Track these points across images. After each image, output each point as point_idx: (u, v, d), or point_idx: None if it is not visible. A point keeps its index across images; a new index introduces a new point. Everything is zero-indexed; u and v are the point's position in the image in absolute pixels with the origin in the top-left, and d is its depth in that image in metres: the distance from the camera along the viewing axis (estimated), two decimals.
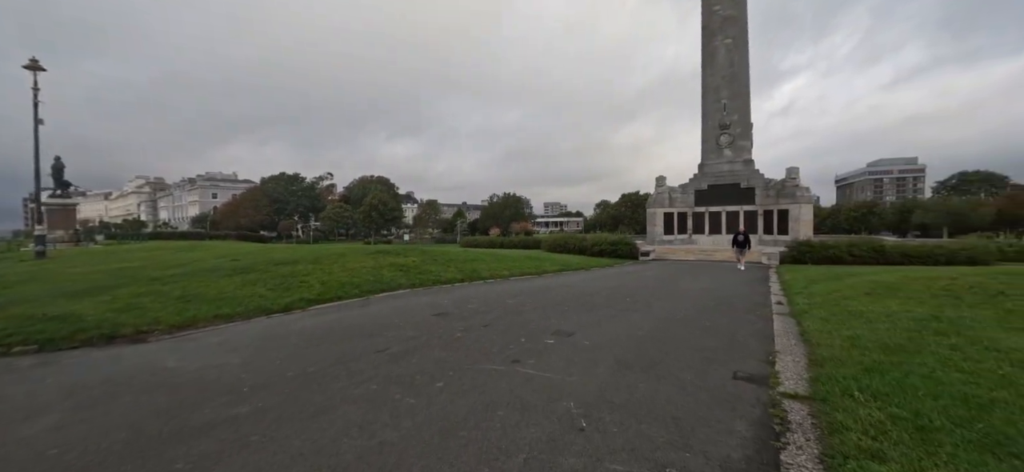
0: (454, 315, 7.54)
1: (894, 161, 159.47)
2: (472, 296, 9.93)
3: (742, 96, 37.07)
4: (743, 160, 35.79)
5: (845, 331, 5.73)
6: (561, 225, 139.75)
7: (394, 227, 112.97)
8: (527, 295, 10.07)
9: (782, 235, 31.32)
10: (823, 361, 4.69)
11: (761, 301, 9.64)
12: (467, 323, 6.82)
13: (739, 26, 37.75)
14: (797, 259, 22.53)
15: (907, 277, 9.42)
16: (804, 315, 7.18)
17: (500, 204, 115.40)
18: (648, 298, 9.74)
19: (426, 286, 11.78)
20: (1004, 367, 3.96)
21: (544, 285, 12.31)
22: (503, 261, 18.27)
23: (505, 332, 6.24)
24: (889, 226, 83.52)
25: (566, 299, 9.42)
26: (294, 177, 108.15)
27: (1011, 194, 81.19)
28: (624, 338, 5.94)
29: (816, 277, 13.25)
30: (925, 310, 6.50)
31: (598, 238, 31.06)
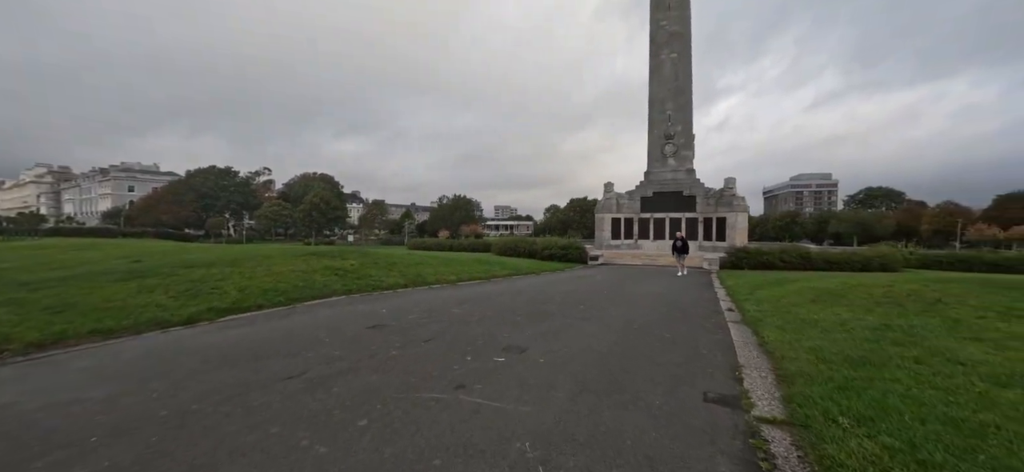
0: (392, 327, 6.62)
1: (813, 176, 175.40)
2: (415, 304, 9.02)
3: (686, 108, 38.63)
4: (686, 169, 37.27)
5: (805, 342, 5.53)
6: (511, 229, 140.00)
7: (338, 227, 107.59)
8: (475, 303, 9.32)
9: (720, 241, 32.86)
10: (792, 377, 4.37)
11: (712, 307, 9.55)
12: (406, 337, 5.95)
13: (684, 42, 39.36)
14: (735, 265, 23.48)
15: (845, 284, 9.72)
16: (759, 323, 7.02)
17: (450, 206, 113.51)
18: (603, 305, 9.33)
19: (365, 292, 10.68)
20: (976, 382, 3.79)
21: (494, 291, 11.61)
22: (451, 265, 17.37)
23: (449, 348, 5.46)
24: (809, 234, 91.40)
25: (517, 307, 8.78)
26: (226, 171, 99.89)
27: (907, 208, 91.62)
28: (582, 353, 5.36)
29: (758, 283, 13.60)
30: (875, 318, 6.53)
31: (548, 242, 30.89)
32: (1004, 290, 7.35)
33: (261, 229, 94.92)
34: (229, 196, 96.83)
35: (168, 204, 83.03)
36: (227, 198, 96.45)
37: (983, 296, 7.10)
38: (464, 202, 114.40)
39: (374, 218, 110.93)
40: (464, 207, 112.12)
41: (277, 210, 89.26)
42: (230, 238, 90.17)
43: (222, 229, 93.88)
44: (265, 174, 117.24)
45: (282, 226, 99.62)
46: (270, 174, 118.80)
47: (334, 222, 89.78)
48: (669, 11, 39.44)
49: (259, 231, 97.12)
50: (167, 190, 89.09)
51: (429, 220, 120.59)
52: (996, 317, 5.91)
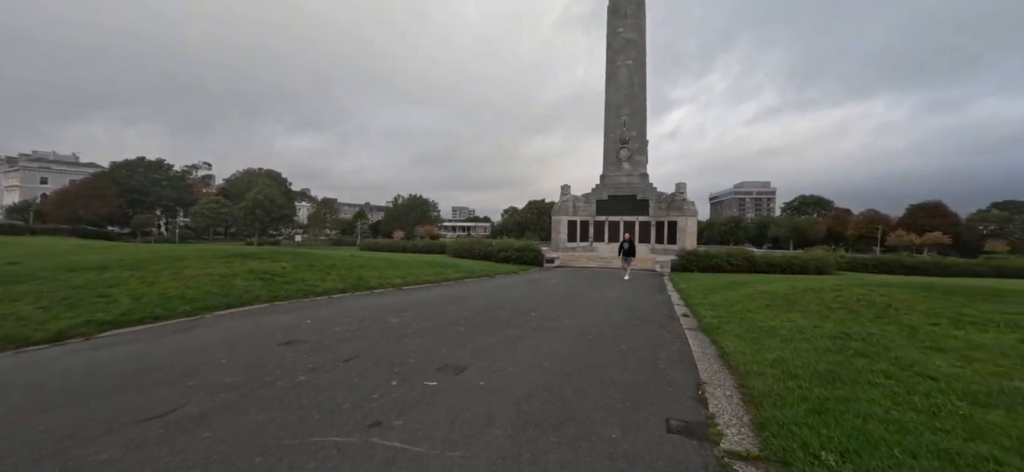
0: (309, 344, 5.63)
1: (754, 184, 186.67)
2: (348, 313, 8.00)
3: (640, 114, 39.42)
4: (640, 173, 37.97)
5: (767, 354, 5.15)
6: (469, 230, 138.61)
7: (285, 227, 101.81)
8: (418, 310, 8.43)
9: (671, 244, 33.61)
10: (760, 398, 3.89)
11: (668, 313, 9.21)
12: (322, 357, 5.01)
13: (639, 49, 40.20)
14: (686, 267, 23.92)
15: (794, 288, 9.71)
16: (717, 332, 6.66)
17: (405, 206, 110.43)
18: (556, 312, 8.74)
19: (294, 299, 9.49)
20: (956, 402, 3.46)
21: (442, 296, 10.74)
22: (399, 267, 16.28)
23: (373, 370, 4.59)
24: (751, 238, 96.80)
25: (464, 315, 7.98)
26: (157, 164, 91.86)
27: (836, 215, 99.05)
28: (531, 372, 4.67)
29: (710, 286, 13.60)
30: (831, 326, 6.32)
31: (504, 244, 30.30)
32: (946, 296, 7.47)
33: (198, 228, 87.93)
34: (161, 191, 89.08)
35: (88, 199, 74.76)
36: (159, 193, 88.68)
37: (929, 302, 7.15)
38: (420, 202, 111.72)
39: (324, 217, 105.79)
40: (420, 207, 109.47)
41: (215, 208, 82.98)
42: (161, 237, 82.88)
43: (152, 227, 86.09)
44: (204, 168, 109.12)
45: (222, 225, 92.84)
46: (209, 168, 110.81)
47: (280, 221, 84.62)
48: (626, 19, 40.15)
49: (195, 230, 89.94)
50: (87, 183, 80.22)
51: (383, 220, 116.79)
52: (949, 324, 5.85)
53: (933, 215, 76.79)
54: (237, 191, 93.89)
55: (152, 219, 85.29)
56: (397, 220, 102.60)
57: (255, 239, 74.86)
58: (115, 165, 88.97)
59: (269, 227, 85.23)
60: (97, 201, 75.35)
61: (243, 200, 79.56)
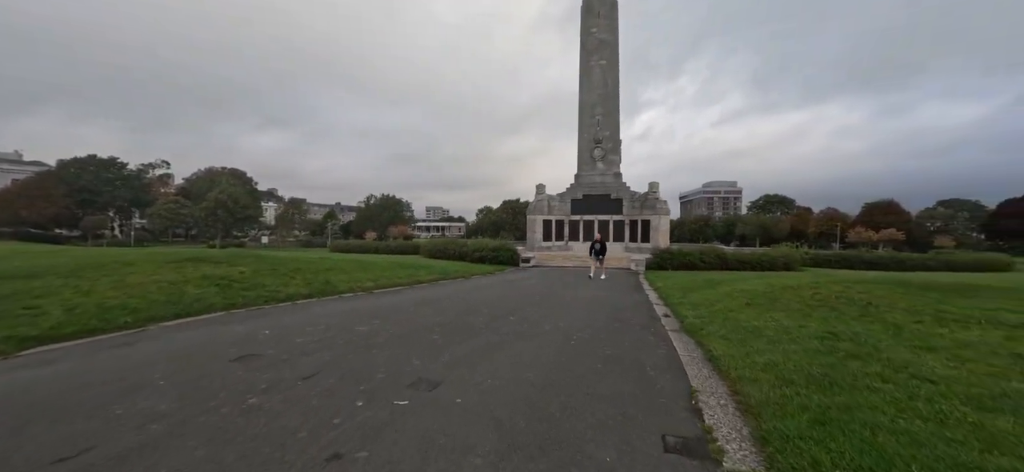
0: (265, 358, 5.06)
1: (722, 183, 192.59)
2: (312, 321, 7.39)
3: (613, 114, 39.70)
4: (613, 173, 38.24)
5: (757, 357, 4.94)
6: (443, 230, 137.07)
7: (250, 228, 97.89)
8: (389, 316, 7.90)
9: (645, 243, 33.95)
10: (758, 408, 3.64)
11: (649, 313, 9.01)
12: (278, 374, 4.47)
13: (612, 50, 40.49)
14: (660, 265, 24.12)
15: (772, 286, 9.72)
16: (701, 333, 6.46)
17: (378, 206, 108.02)
18: (535, 315, 8.39)
19: (253, 307, 8.77)
20: (961, 408, 3.29)
21: (415, 300, 10.22)
22: (370, 269, 15.60)
23: (335, 388, 4.09)
24: (719, 236, 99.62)
25: (438, 321, 7.52)
26: (110, 162, 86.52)
27: (798, 214, 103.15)
28: (511, 385, 4.29)
29: (686, 285, 13.58)
30: (816, 325, 6.22)
31: (479, 244, 29.82)
32: (921, 292, 7.55)
33: (156, 230, 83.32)
34: (114, 191, 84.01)
35: (32, 199, 69.53)
36: (112, 193, 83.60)
37: (908, 299, 7.20)
38: (393, 202, 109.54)
39: (293, 218, 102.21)
40: (393, 207, 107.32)
41: (174, 208, 78.86)
42: (114, 240, 78.11)
43: (104, 230, 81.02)
44: (161, 167, 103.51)
45: (182, 227, 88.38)
46: (168, 167, 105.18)
47: (244, 222, 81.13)
48: (599, 19, 40.38)
49: (153, 232, 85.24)
50: (32, 182, 74.63)
51: (355, 221, 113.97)
52: (933, 322, 5.84)
53: (887, 213, 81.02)
54: (198, 191, 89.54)
55: (104, 221, 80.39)
56: (369, 220, 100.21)
57: (217, 241, 71.47)
58: (63, 163, 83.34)
59: (233, 228, 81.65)
60: (42, 202, 70.29)
61: (204, 200, 75.80)
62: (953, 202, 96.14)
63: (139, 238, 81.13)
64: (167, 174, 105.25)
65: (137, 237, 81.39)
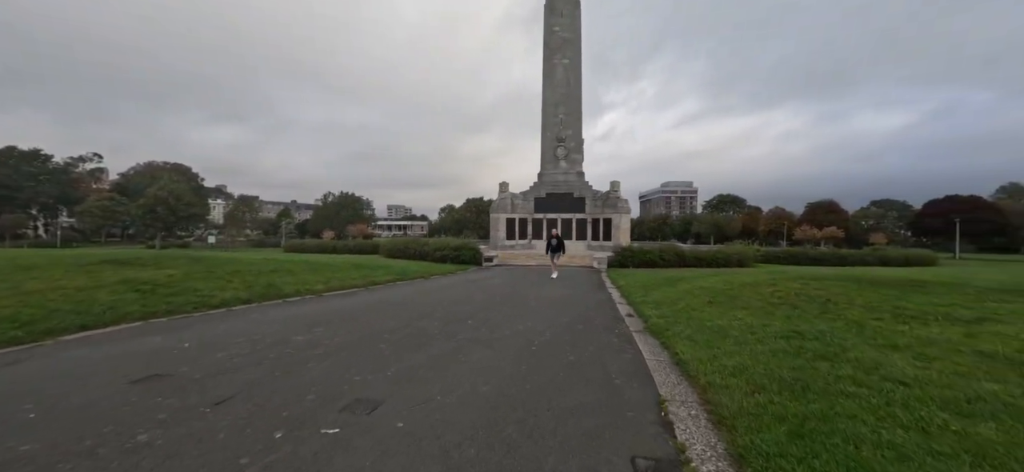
0: (175, 378, 4.31)
1: (678, 184, 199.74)
2: (243, 331, 6.58)
3: (576, 112, 39.91)
4: (576, 172, 38.45)
5: (725, 359, 4.71)
6: (405, 229, 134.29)
7: (196, 227, 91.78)
8: (335, 323, 7.20)
9: (607, 241, 34.32)
10: (732, 419, 3.34)
11: (612, 313, 8.77)
12: (186, 399, 3.76)
13: (574, 49, 40.70)
14: (622, 263, 24.35)
15: (730, 283, 9.75)
16: (666, 334, 6.22)
17: (336, 204, 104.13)
18: (495, 317, 7.93)
19: (179, 315, 7.79)
20: (940, 415, 3.11)
21: (367, 303, 9.50)
22: (321, 271, 14.62)
23: (253, 416, 3.45)
24: (677, 234, 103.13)
25: (390, 326, 6.91)
26: (32, 154, 78.66)
27: (749, 213, 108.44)
28: (465, 402, 3.80)
29: (648, 283, 13.56)
30: (780, 324, 6.12)
31: (441, 243, 29.07)
32: (876, 288, 7.70)
33: (87, 229, 76.42)
34: (37, 187, 76.39)
35: None
36: (34, 189, 75.98)
37: (864, 295, 7.30)
38: (352, 200, 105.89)
39: (243, 216, 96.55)
40: (352, 205, 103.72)
41: (109, 206, 72.58)
42: (37, 241, 70.92)
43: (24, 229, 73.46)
44: (93, 161, 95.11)
45: (118, 226, 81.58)
46: (101, 161, 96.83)
47: (187, 221, 75.79)
48: (562, 18, 40.47)
49: (83, 232, 78.14)
50: None
51: (312, 219, 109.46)
52: (892, 319, 5.87)
53: (828, 212, 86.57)
54: (136, 187, 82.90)
55: (23, 219, 72.96)
56: (327, 219, 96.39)
57: (157, 242, 66.32)
58: None
59: (176, 227, 76.03)
60: None
61: (142, 197, 70.08)
62: (884, 202, 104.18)
63: (67, 238, 74.12)
64: (99, 169, 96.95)
65: (65, 237, 74.32)
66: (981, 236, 77.79)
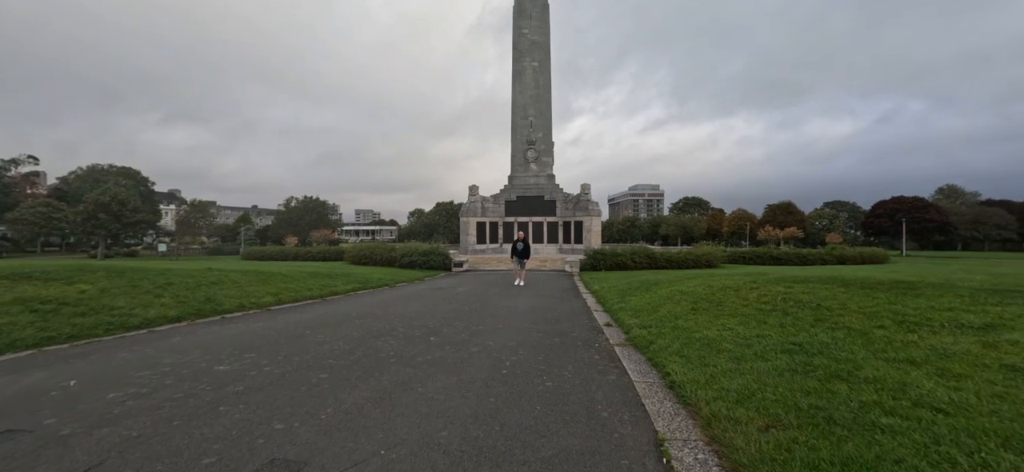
0: (31, 435, 3.24)
1: (645, 186, 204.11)
2: (154, 360, 5.45)
3: (546, 115, 39.58)
4: (547, 175, 38.08)
5: (725, 381, 4.07)
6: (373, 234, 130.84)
7: (146, 235, 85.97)
8: (272, 346, 6.16)
9: (578, 244, 34.04)
10: (751, 468, 2.67)
11: (589, 323, 8.10)
12: (36, 465, 2.76)
13: (544, 51, 40.43)
14: (594, 266, 23.98)
15: (711, 287, 9.29)
16: (652, 349, 5.57)
17: (299, 209, 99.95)
18: (461, 332, 7.08)
19: (86, 340, 6.54)
20: (1005, 455, 2.53)
21: (318, 319, 8.45)
22: (273, 282, 13.33)
23: None
24: (645, 236, 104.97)
25: (337, 349, 5.95)
26: None
27: (712, 214, 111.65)
28: (416, 455, 2.96)
29: (623, 287, 13.05)
30: (776, 335, 5.56)
31: (409, 248, 27.85)
32: (867, 291, 7.30)
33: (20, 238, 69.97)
34: None
35: None
36: None
37: (856, 299, 6.87)
38: (316, 204, 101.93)
39: (198, 223, 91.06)
40: (316, 210, 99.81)
41: (46, 212, 66.66)
42: None
43: None
44: (28, 164, 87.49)
45: (57, 234, 75.19)
46: (37, 164, 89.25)
47: (134, 227, 70.67)
48: (531, 20, 40.14)
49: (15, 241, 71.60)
50: None
51: (274, 225, 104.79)
52: (895, 326, 5.40)
53: (788, 213, 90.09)
54: (78, 192, 76.67)
55: None
56: (290, 224, 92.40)
57: (98, 251, 61.36)
58: None
59: (122, 235, 70.69)
60: None
61: (82, 203, 64.71)
62: (836, 203, 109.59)
63: None
64: (35, 172, 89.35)
65: None
66: (923, 234, 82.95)
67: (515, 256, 16.51)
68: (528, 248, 16.55)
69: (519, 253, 16.43)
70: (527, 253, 16.45)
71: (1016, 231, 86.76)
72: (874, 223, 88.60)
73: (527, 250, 16.50)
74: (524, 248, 16.50)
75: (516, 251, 16.58)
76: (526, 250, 16.48)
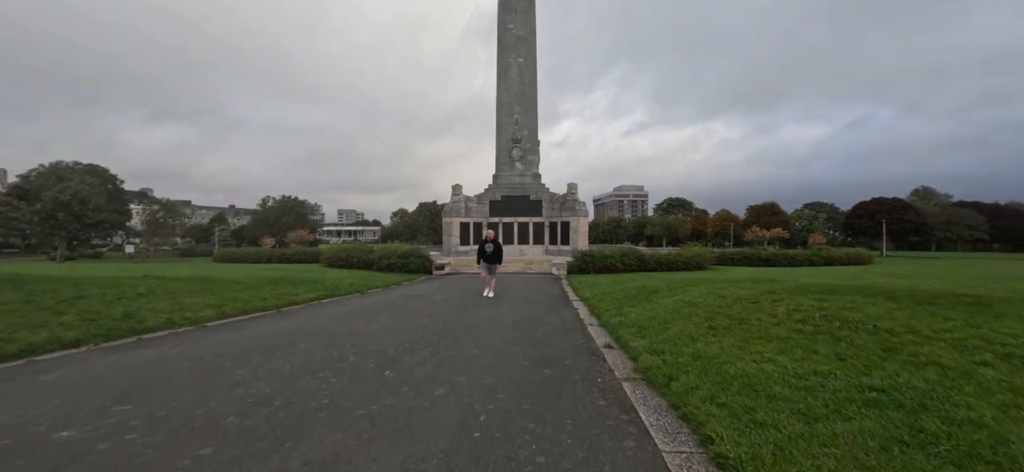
0: None
1: (630, 187, 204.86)
2: None
3: (531, 113, 38.30)
4: (532, 174, 36.81)
5: (805, 461, 2.75)
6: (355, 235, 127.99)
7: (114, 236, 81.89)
8: (164, 392, 4.61)
9: (565, 245, 32.82)
10: None
11: (585, 345, 6.73)
12: None
13: (529, 47, 39.14)
14: (582, 268, 22.82)
15: (722, 297, 8.03)
16: (674, 389, 4.21)
17: (277, 209, 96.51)
18: (429, 362, 5.63)
19: None
20: None
21: (252, 342, 6.86)
22: (220, 290, 11.65)
23: None
24: (630, 237, 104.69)
25: (250, 398, 4.41)
26: None
27: (696, 215, 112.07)
28: None
29: (618, 295, 11.77)
30: (841, 373, 4.17)
31: (388, 250, 26.17)
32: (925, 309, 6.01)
33: None
34: None
35: None
36: None
37: (919, 320, 5.56)
38: (295, 204, 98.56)
39: (164, 223, 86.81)
40: (295, 210, 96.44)
41: (4, 212, 62.51)
42: None
43: None
44: None
45: (17, 234, 70.79)
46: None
47: (97, 228, 66.88)
48: (516, 15, 38.81)
49: None
50: None
51: (249, 225, 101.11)
52: (1001, 363, 4.08)
53: (771, 213, 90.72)
54: (39, 191, 72.28)
55: None
56: (267, 225, 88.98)
57: (58, 253, 57.67)
58: None
59: (83, 235, 66.77)
60: None
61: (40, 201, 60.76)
62: (815, 204, 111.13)
63: None
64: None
65: None
66: (901, 235, 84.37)
67: (483, 260, 13.55)
68: (499, 251, 13.55)
69: (488, 257, 13.39)
70: (498, 257, 13.46)
71: (987, 232, 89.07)
72: (854, 223, 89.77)
73: (498, 254, 13.47)
74: (494, 250, 13.39)
75: (484, 254, 13.50)
76: (496, 253, 13.43)
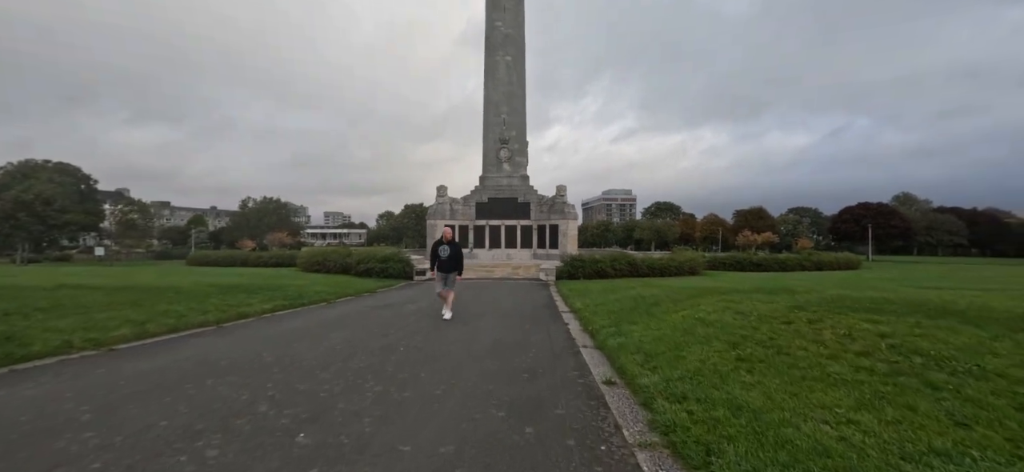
0: None
1: (618, 191, 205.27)
2: None
3: (520, 112, 37.06)
4: (520, 176, 35.53)
5: None
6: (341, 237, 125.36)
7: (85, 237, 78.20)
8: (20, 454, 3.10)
9: (553, 249, 31.53)
10: None
11: (580, 379, 5.34)
12: None
13: (517, 46, 37.92)
14: (571, 274, 21.60)
15: (744, 315, 6.72)
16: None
17: (257, 211, 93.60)
18: (368, 414, 4.13)
19: None
20: None
21: (148, 378, 5.29)
22: (151, 302, 10.01)
23: None
24: (618, 240, 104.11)
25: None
26: None
27: (684, 219, 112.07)
28: None
29: (614, 306, 10.45)
30: (976, 452, 2.88)
31: (367, 254, 24.59)
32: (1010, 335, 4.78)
33: None
34: None
35: None
36: None
37: (1013, 347, 4.36)
38: (277, 206, 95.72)
39: (143, 224, 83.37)
40: (277, 212, 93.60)
41: None
42: None
43: None
44: None
45: None
46: None
47: (62, 229, 63.54)
48: (504, 13, 37.58)
49: None
50: None
51: (228, 227, 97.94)
52: None
53: (759, 218, 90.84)
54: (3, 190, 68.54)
55: None
56: (247, 227, 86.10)
57: (18, 255, 54.40)
58: None
59: (49, 236, 63.32)
60: None
61: None
62: (799, 209, 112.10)
63: None
64: None
65: None
66: (886, 240, 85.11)
67: (438, 271, 10.04)
68: (458, 258, 10.04)
69: (442, 263, 9.94)
70: (456, 265, 10.03)
71: (966, 237, 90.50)
72: (840, 228, 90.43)
73: (455, 261, 10.00)
74: (451, 257, 9.93)
75: (438, 259, 9.99)
76: (453, 261, 9.97)
